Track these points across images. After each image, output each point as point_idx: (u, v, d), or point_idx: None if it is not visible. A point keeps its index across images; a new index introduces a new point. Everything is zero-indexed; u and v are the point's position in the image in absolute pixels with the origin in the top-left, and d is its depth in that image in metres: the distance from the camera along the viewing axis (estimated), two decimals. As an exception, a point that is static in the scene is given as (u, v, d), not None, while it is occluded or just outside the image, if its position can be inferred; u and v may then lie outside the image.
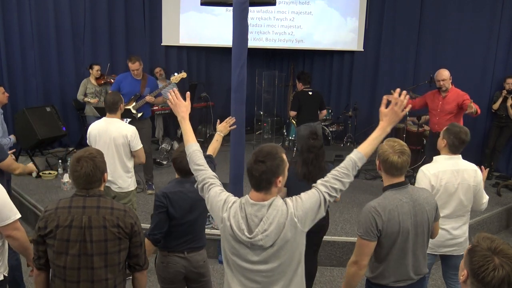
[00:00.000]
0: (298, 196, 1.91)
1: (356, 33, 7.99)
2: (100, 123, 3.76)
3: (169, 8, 7.89)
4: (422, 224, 2.31)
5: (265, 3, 4.24)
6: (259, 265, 1.86)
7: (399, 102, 2.03)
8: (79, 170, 2.07)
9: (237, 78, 3.77)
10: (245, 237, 1.82)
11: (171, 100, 2.31)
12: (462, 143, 2.93)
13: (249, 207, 1.86)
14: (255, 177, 1.84)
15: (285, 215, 1.83)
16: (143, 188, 5.45)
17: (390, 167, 2.29)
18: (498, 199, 5.59)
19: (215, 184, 2.02)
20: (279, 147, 1.93)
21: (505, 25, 6.55)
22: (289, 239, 1.83)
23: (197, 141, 2.28)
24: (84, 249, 2.05)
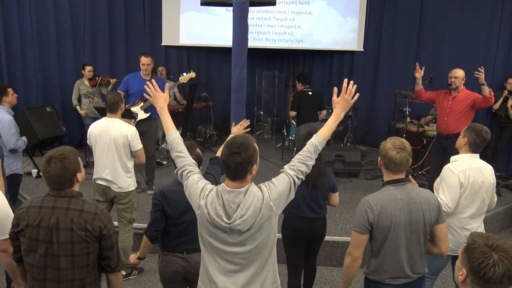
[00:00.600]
0: (270, 181, 2.02)
1: (356, 33, 7.99)
2: (100, 123, 3.76)
3: (169, 8, 7.89)
4: (417, 222, 2.30)
5: (265, 3, 4.25)
6: (236, 247, 1.95)
7: (348, 90, 2.23)
8: (49, 171, 2.05)
9: (237, 78, 3.77)
10: (224, 223, 1.90)
11: (149, 92, 2.41)
12: (483, 141, 2.95)
13: (226, 194, 1.93)
14: (231, 168, 1.91)
15: (261, 200, 1.93)
16: (143, 188, 5.46)
17: (389, 162, 2.33)
18: (498, 199, 5.53)
19: (194, 172, 2.10)
20: (251, 137, 2.02)
21: (505, 25, 6.55)
22: (265, 222, 1.94)
23: (197, 141, 2.30)
24: (51, 249, 2.05)
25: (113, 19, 7.57)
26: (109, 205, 3.91)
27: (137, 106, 5.09)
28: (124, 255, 3.92)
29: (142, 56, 5.11)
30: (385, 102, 7.41)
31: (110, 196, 3.80)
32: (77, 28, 7.30)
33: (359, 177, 6.29)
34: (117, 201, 3.83)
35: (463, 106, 4.84)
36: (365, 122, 7.91)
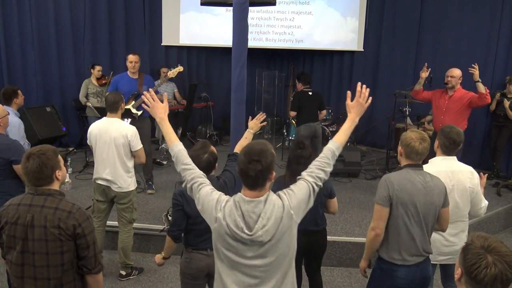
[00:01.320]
0: (289, 188, 1.96)
1: (356, 33, 7.99)
2: (100, 123, 3.76)
3: (169, 8, 7.89)
4: (431, 203, 2.48)
5: (265, 3, 4.24)
6: (256, 260, 1.88)
7: (362, 94, 2.20)
8: (27, 166, 2.07)
9: (237, 78, 3.77)
10: (245, 235, 1.82)
11: (147, 102, 2.27)
12: (453, 143, 2.87)
13: (245, 204, 1.85)
14: (251, 177, 1.83)
15: (282, 209, 1.86)
16: (143, 188, 5.46)
17: (411, 152, 2.50)
18: (498, 199, 5.59)
19: (205, 184, 2.01)
20: (267, 143, 1.95)
21: (505, 25, 6.55)
22: (286, 232, 1.87)
23: (197, 141, 2.28)
24: (27, 246, 2.07)
25: (113, 19, 7.57)
26: (109, 205, 3.91)
27: (129, 105, 5.12)
28: (125, 255, 3.92)
29: (130, 55, 5.22)
30: (385, 102, 7.40)
31: (110, 196, 3.81)
32: (77, 28, 7.30)
33: (359, 177, 6.29)
34: (117, 201, 3.83)
35: (459, 105, 4.87)
36: (365, 122, 7.89)
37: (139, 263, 4.27)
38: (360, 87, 2.20)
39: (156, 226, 4.50)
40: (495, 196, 5.67)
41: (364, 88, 2.20)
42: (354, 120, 2.21)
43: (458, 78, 4.93)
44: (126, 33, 7.71)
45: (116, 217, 3.97)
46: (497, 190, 5.76)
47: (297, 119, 5.87)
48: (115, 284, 3.94)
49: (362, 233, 4.48)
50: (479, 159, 6.74)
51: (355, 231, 4.56)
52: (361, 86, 2.21)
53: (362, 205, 5.24)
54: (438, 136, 2.96)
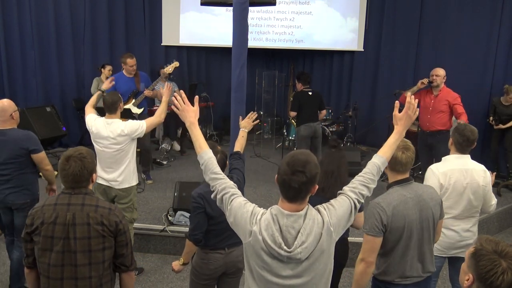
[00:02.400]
0: (329, 203, 1.85)
1: (356, 33, 8.00)
2: (100, 123, 3.71)
3: (169, 8, 7.89)
4: (427, 219, 2.35)
5: (265, 3, 4.24)
6: (291, 279, 1.76)
7: (412, 106, 2.09)
8: (67, 169, 2.08)
9: (237, 78, 3.76)
10: (283, 251, 1.70)
11: (177, 105, 2.14)
12: (467, 141, 2.90)
13: (283, 219, 1.73)
14: (293, 189, 1.71)
15: (321, 225, 1.75)
16: (143, 189, 5.46)
17: (395, 163, 2.33)
18: (498, 199, 5.53)
19: (237, 195, 1.89)
20: (311, 153, 1.83)
21: (505, 25, 6.54)
22: (325, 250, 1.76)
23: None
24: (68, 246, 2.07)
25: (113, 19, 7.57)
26: (110, 205, 3.91)
27: (130, 103, 5.17)
28: (124, 255, 3.91)
29: (128, 58, 5.29)
30: (385, 102, 7.40)
31: (111, 196, 3.80)
32: (77, 28, 7.30)
33: (359, 177, 6.28)
34: (118, 201, 3.83)
35: (444, 105, 4.96)
36: (365, 122, 7.91)
37: (139, 263, 4.27)
38: (410, 97, 2.10)
39: (156, 226, 4.50)
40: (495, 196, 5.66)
41: (413, 99, 2.10)
42: (401, 133, 2.08)
43: (443, 77, 5.03)
44: (126, 33, 7.72)
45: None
46: (497, 190, 5.75)
47: (297, 119, 5.87)
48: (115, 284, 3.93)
49: (362, 233, 4.45)
50: (479, 160, 6.71)
51: (355, 231, 4.54)
52: (410, 96, 2.11)
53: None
54: (452, 134, 2.99)
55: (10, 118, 3.31)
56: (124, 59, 5.30)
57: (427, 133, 5.12)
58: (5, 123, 3.29)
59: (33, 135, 3.40)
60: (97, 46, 7.48)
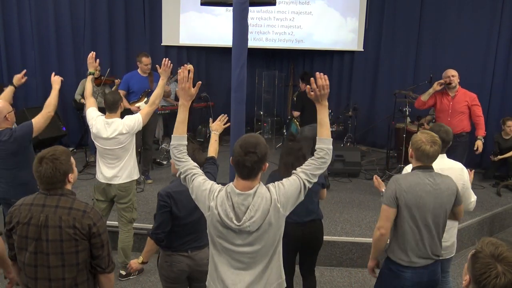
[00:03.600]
0: (280, 182, 2.06)
1: (356, 33, 7.99)
2: (100, 124, 3.71)
3: (169, 8, 7.89)
4: (440, 206, 2.48)
5: (265, 3, 4.23)
6: (244, 247, 2.01)
7: (319, 77, 2.26)
8: (40, 171, 2.05)
9: (237, 78, 3.77)
10: (234, 225, 1.95)
11: (181, 80, 2.19)
12: (443, 142, 2.85)
13: (235, 196, 1.97)
14: (247, 168, 1.94)
15: (269, 202, 1.97)
16: (143, 189, 5.46)
17: (422, 155, 2.50)
18: (498, 199, 5.58)
19: (198, 174, 2.11)
20: (260, 135, 2.06)
21: (505, 25, 6.55)
22: (273, 223, 1.99)
23: (197, 141, 2.29)
24: (40, 247, 2.06)
25: (113, 19, 7.56)
26: (109, 205, 3.91)
27: (142, 102, 5.30)
28: (125, 255, 3.92)
29: (144, 57, 5.43)
30: (385, 102, 7.41)
31: (110, 195, 3.81)
32: (77, 28, 7.29)
33: (359, 177, 6.29)
34: (117, 201, 3.83)
35: (464, 106, 4.89)
36: (365, 122, 7.90)
37: (139, 263, 4.27)
38: (321, 78, 2.27)
39: (156, 226, 4.49)
40: (495, 196, 5.66)
41: (325, 79, 2.27)
42: (325, 104, 2.26)
43: (458, 77, 4.95)
44: (126, 33, 7.71)
45: (116, 217, 3.97)
46: (497, 190, 5.75)
47: (301, 120, 5.87)
48: (115, 284, 3.94)
49: (362, 233, 4.48)
50: (479, 159, 6.73)
51: (355, 231, 4.55)
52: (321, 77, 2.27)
53: (362, 205, 5.24)
54: None
55: (5, 119, 3.30)
56: (139, 58, 5.44)
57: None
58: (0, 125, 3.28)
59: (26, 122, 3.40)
60: (97, 46, 7.47)
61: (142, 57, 5.44)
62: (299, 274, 3.39)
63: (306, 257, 3.29)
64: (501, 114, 6.66)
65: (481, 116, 4.88)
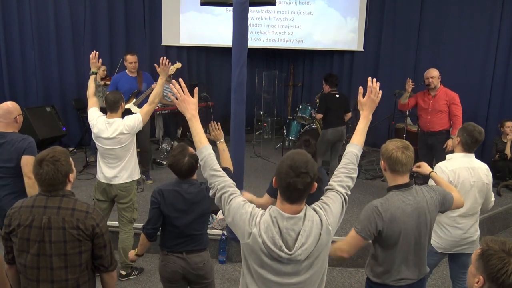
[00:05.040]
0: (323, 202, 1.85)
1: (356, 33, 7.99)
2: (101, 124, 3.71)
3: (169, 8, 7.89)
4: (425, 224, 2.34)
5: (265, 3, 4.24)
6: (290, 277, 1.76)
7: (374, 90, 2.14)
8: (41, 173, 2.04)
9: (237, 78, 3.77)
10: (284, 254, 1.70)
11: (177, 94, 2.03)
12: (475, 141, 2.97)
13: (283, 221, 1.72)
14: (299, 191, 1.69)
15: (320, 225, 1.76)
16: (143, 188, 5.46)
17: (395, 163, 2.29)
18: (498, 199, 5.58)
19: (236, 194, 1.85)
20: (305, 152, 1.82)
21: (505, 25, 6.55)
22: (324, 249, 1.79)
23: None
24: (43, 249, 2.05)
25: (113, 19, 7.56)
26: (110, 205, 3.91)
27: (130, 103, 5.18)
28: (125, 255, 3.92)
29: (128, 55, 5.30)
30: (385, 102, 7.35)
31: (111, 195, 3.81)
32: (77, 28, 7.29)
33: (359, 177, 6.28)
34: (118, 201, 3.83)
35: (443, 104, 4.99)
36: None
37: (139, 263, 4.27)
38: (371, 81, 2.13)
39: (156, 226, 4.49)
40: (495, 196, 5.65)
41: (375, 83, 2.13)
42: (368, 118, 2.14)
43: (438, 77, 5.04)
44: (126, 33, 7.71)
45: (116, 217, 3.97)
46: (497, 190, 5.75)
47: (324, 122, 5.77)
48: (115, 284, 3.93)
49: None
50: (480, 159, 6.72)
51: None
52: (371, 80, 2.14)
53: (362, 205, 5.19)
54: (460, 133, 3.04)
55: (14, 121, 3.23)
56: (125, 56, 5.35)
57: (427, 133, 5.15)
58: (8, 126, 3.20)
59: (31, 138, 3.31)
60: (97, 46, 7.46)
61: (126, 55, 5.33)
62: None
63: None
64: (501, 114, 6.66)
65: (458, 116, 4.92)
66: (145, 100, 5.34)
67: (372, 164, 6.86)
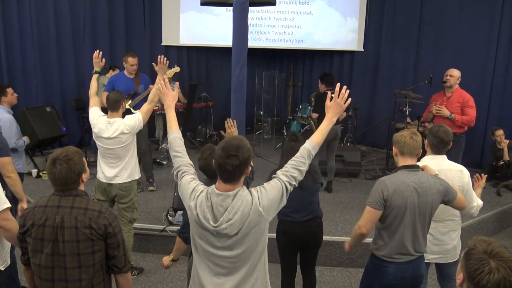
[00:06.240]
0: (262, 186, 2.01)
1: (356, 33, 8.00)
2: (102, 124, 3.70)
3: (169, 8, 7.89)
4: (425, 204, 2.50)
5: (265, 3, 4.25)
6: (224, 251, 1.96)
7: (341, 95, 2.28)
8: (54, 172, 2.05)
9: (237, 78, 3.78)
10: (210, 226, 1.91)
11: (160, 88, 2.43)
12: (442, 142, 2.88)
13: (214, 197, 1.94)
14: (228, 171, 1.89)
15: (250, 205, 1.92)
16: (143, 188, 5.46)
17: (403, 147, 2.56)
18: (498, 199, 5.58)
19: (188, 172, 2.11)
20: (244, 138, 2.01)
21: (505, 25, 6.55)
22: (254, 228, 1.93)
23: (197, 141, 2.29)
24: (57, 249, 2.05)
25: (113, 19, 7.57)
26: (110, 204, 3.91)
27: (126, 104, 5.13)
28: (124, 255, 3.92)
29: (130, 57, 5.24)
30: (385, 102, 7.41)
31: (111, 195, 3.81)
32: (77, 28, 7.30)
33: (359, 177, 6.29)
34: (118, 200, 3.84)
35: (457, 107, 4.90)
36: (365, 122, 7.91)
37: (139, 263, 4.28)
38: (340, 87, 2.27)
39: (156, 226, 4.50)
40: (495, 196, 5.66)
41: (344, 89, 2.28)
42: (331, 120, 2.30)
43: (457, 78, 4.94)
44: (126, 33, 7.72)
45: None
46: (497, 190, 5.76)
47: (318, 121, 5.79)
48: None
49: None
50: (479, 159, 6.74)
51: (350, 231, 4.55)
52: (340, 87, 2.28)
53: (362, 205, 5.19)
54: (427, 135, 2.99)
55: None
56: (125, 58, 5.26)
57: None
58: None
59: (3, 138, 3.30)
60: (97, 46, 7.46)
61: (128, 57, 5.27)
62: (299, 274, 3.39)
63: (306, 255, 3.30)
64: (501, 114, 6.68)
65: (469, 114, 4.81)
66: (141, 102, 5.25)
67: (372, 164, 6.86)
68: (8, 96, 4.35)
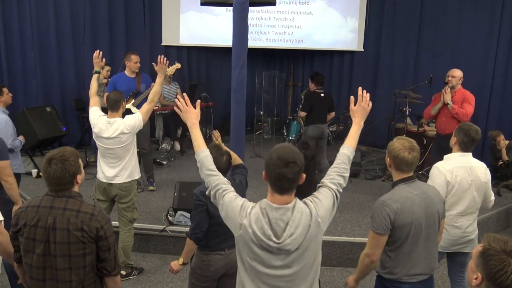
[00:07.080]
0: (314, 196, 1.92)
1: (356, 33, 8.00)
2: (102, 124, 3.70)
3: (169, 8, 7.89)
4: (432, 215, 2.39)
5: (265, 3, 4.24)
6: (282, 269, 1.83)
7: (364, 98, 2.26)
8: (49, 171, 2.04)
9: (237, 78, 3.76)
10: (273, 243, 1.77)
11: (180, 106, 2.26)
12: (472, 140, 2.98)
13: (272, 212, 1.80)
14: (288, 180, 1.78)
15: (309, 217, 1.82)
16: (143, 188, 5.46)
17: (401, 163, 2.38)
18: (498, 199, 5.57)
19: (229, 190, 1.96)
20: (290, 144, 1.93)
21: (505, 25, 6.55)
22: (313, 240, 1.84)
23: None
24: (48, 249, 2.05)
25: (113, 19, 7.57)
26: (110, 204, 3.91)
27: (129, 104, 5.14)
28: (125, 254, 3.92)
29: (133, 55, 5.22)
30: (385, 102, 7.41)
31: (111, 195, 3.81)
32: (77, 28, 7.30)
33: (359, 177, 6.29)
34: (118, 200, 3.84)
35: (459, 107, 4.86)
36: (365, 122, 7.75)
37: (139, 263, 4.27)
38: (362, 91, 2.25)
39: (156, 226, 4.50)
40: (495, 196, 5.65)
41: (365, 92, 2.26)
42: (360, 124, 2.25)
43: (459, 79, 4.91)
44: (126, 33, 7.72)
45: (116, 217, 3.97)
46: (497, 190, 5.75)
47: (306, 119, 5.85)
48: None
49: (362, 233, 4.48)
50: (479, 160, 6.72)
51: (355, 231, 4.56)
52: (362, 90, 2.26)
53: (362, 205, 5.24)
54: (456, 133, 3.04)
55: None
56: (128, 56, 5.22)
57: (442, 136, 4.93)
58: None
59: (1, 140, 3.30)
60: (97, 46, 7.45)
61: (131, 55, 5.24)
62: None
63: None
64: (501, 114, 6.68)
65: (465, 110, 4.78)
66: (144, 100, 5.31)
67: (372, 164, 6.85)
68: (4, 96, 4.34)
